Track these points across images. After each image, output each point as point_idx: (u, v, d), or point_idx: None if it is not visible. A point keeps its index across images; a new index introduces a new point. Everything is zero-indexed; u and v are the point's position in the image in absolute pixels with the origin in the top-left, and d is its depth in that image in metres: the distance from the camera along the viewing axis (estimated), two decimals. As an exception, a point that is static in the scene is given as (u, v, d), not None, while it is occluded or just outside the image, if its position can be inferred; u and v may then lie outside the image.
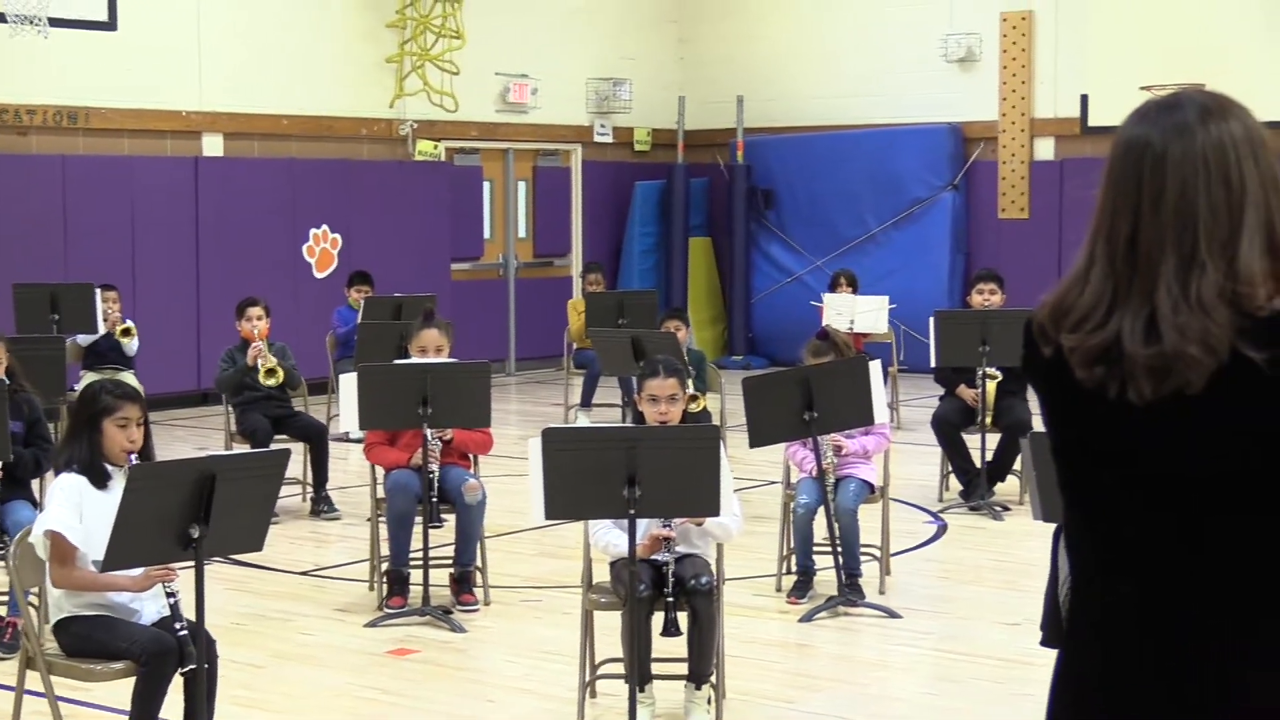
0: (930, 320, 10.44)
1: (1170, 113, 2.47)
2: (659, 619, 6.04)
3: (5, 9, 13.39)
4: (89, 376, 11.40)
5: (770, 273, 18.68)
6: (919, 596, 8.28)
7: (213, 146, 15.41)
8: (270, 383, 10.12)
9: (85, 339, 11.88)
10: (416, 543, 7.80)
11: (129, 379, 10.84)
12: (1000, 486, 10.38)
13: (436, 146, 17.15)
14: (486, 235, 18.05)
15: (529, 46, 17.87)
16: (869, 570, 8.20)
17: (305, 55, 16.02)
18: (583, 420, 13.65)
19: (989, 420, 10.11)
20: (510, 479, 10.09)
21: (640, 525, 5.84)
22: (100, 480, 5.53)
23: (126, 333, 11.98)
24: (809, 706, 6.56)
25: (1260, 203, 2.42)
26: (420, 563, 7.77)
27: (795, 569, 8.18)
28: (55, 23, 13.53)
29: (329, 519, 10.19)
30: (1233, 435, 2.38)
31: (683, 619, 6.07)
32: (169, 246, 14.82)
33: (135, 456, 5.56)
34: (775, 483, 9.28)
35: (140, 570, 5.36)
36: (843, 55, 18.38)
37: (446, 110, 17.17)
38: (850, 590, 7.87)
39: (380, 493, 8.08)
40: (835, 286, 14.08)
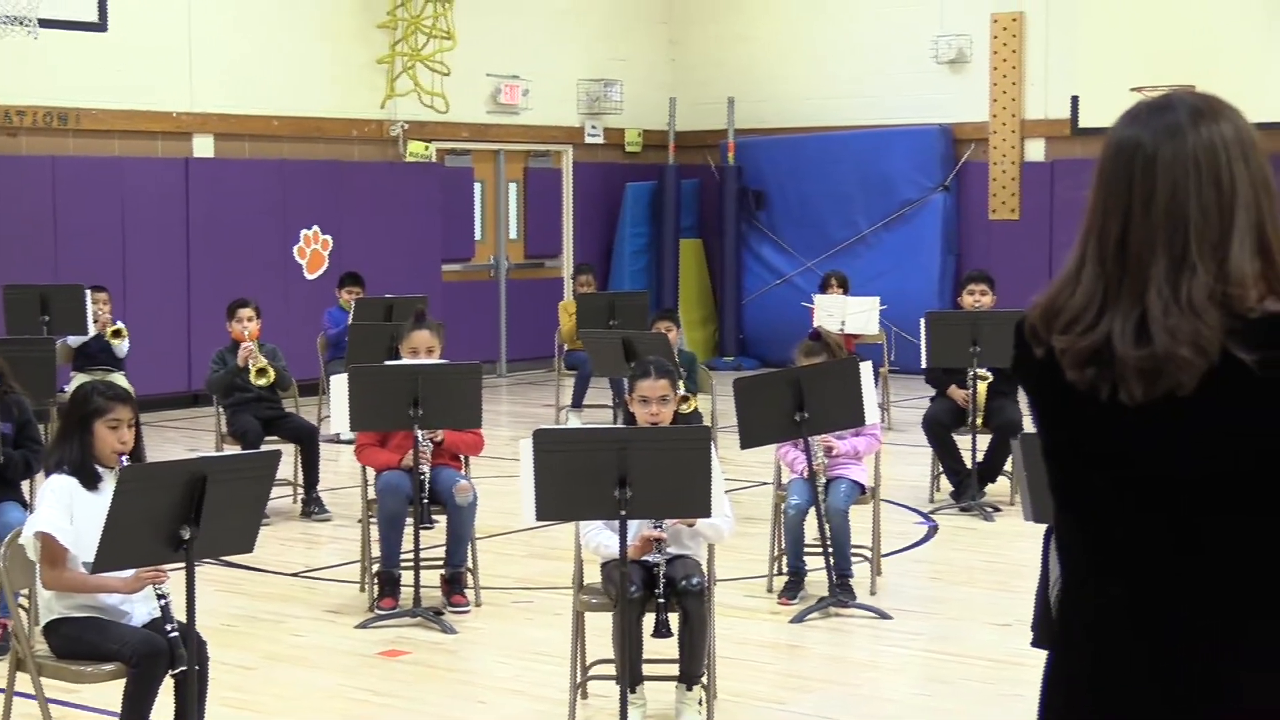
0: (921, 321, 10.45)
1: (1161, 114, 2.48)
2: (650, 620, 6.05)
3: (-5, 10, 13.37)
4: (79, 378, 11.38)
5: (761, 274, 18.68)
6: (910, 597, 8.29)
7: (203, 147, 15.39)
8: (261, 384, 10.11)
9: (75, 340, 11.86)
10: (407, 544, 7.79)
11: (120, 380, 10.81)
12: (991, 487, 10.39)
13: (427, 147, 17.14)
14: (477, 236, 18.04)
15: (520, 47, 17.87)
16: (860, 571, 8.21)
17: (296, 56, 16.00)
18: (574, 421, 13.64)
19: (980, 421, 10.12)
20: (501, 480, 10.09)
21: (631, 526, 5.84)
22: (91, 482, 5.52)
23: (117, 334, 11.96)
24: (800, 707, 6.56)
25: (1251, 204, 2.42)
26: (411, 564, 7.76)
27: (786, 570, 8.18)
28: (45, 23, 13.49)
29: (320, 520, 10.18)
30: (1224, 436, 2.38)
31: (674, 620, 6.07)
32: (160, 248, 14.80)
33: (126, 458, 5.55)
34: (766, 484, 9.29)
35: (131, 572, 5.35)
36: (833, 56, 18.39)
37: (437, 111, 17.16)
38: (841, 591, 7.87)
39: (371, 494, 8.07)
40: (826, 288, 14.07)
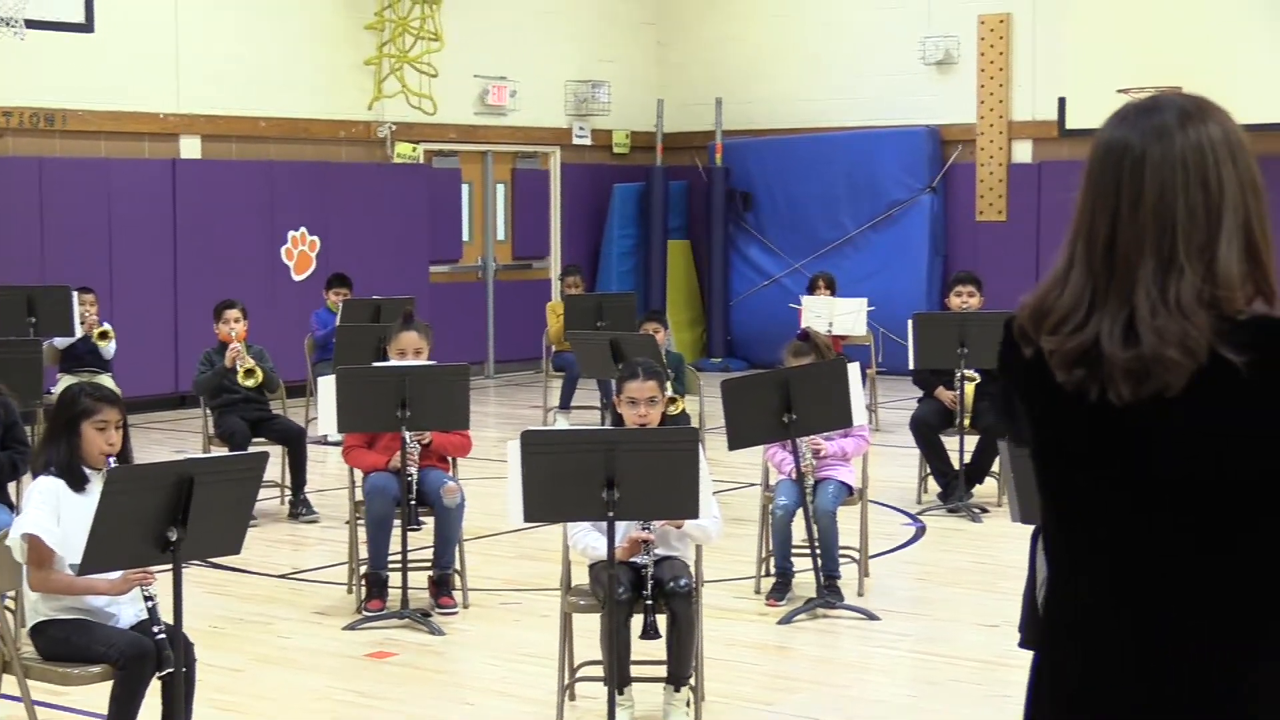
0: (909, 322, 10.46)
1: (1149, 115, 2.48)
2: (638, 621, 6.05)
3: (-18, 11, 13.35)
4: (66, 379, 11.36)
5: (749, 275, 18.68)
6: (898, 598, 8.29)
7: (190, 149, 15.37)
8: (249, 384, 10.09)
9: (62, 342, 11.84)
10: (395, 545, 7.79)
11: (106, 382, 10.80)
12: (978, 488, 10.40)
13: (415, 149, 17.12)
14: (465, 238, 18.02)
15: (507, 49, 17.86)
16: (848, 572, 8.21)
17: (283, 57, 15.98)
18: (561, 423, 13.64)
19: (967, 422, 10.13)
20: (489, 481, 10.08)
21: (619, 528, 5.83)
22: (78, 483, 5.51)
23: (104, 336, 11.94)
24: (788, 708, 6.56)
25: (1239, 205, 2.42)
26: (399, 565, 7.76)
27: (774, 571, 8.18)
28: (32, 24, 13.47)
29: (307, 522, 10.16)
30: (1211, 438, 2.38)
31: (662, 621, 6.08)
32: (146, 249, 14.78)
33: (114, 459, 5.54)
34: (754, 485, 9.29)
35: (118, 573, 5.34)
36: (821, 58, 18.40)
37: (425, 112, 17.15)
38: (829, 592, 7.87)
39: (359, 495, 8.06)
40: (813, 289, 14.08)
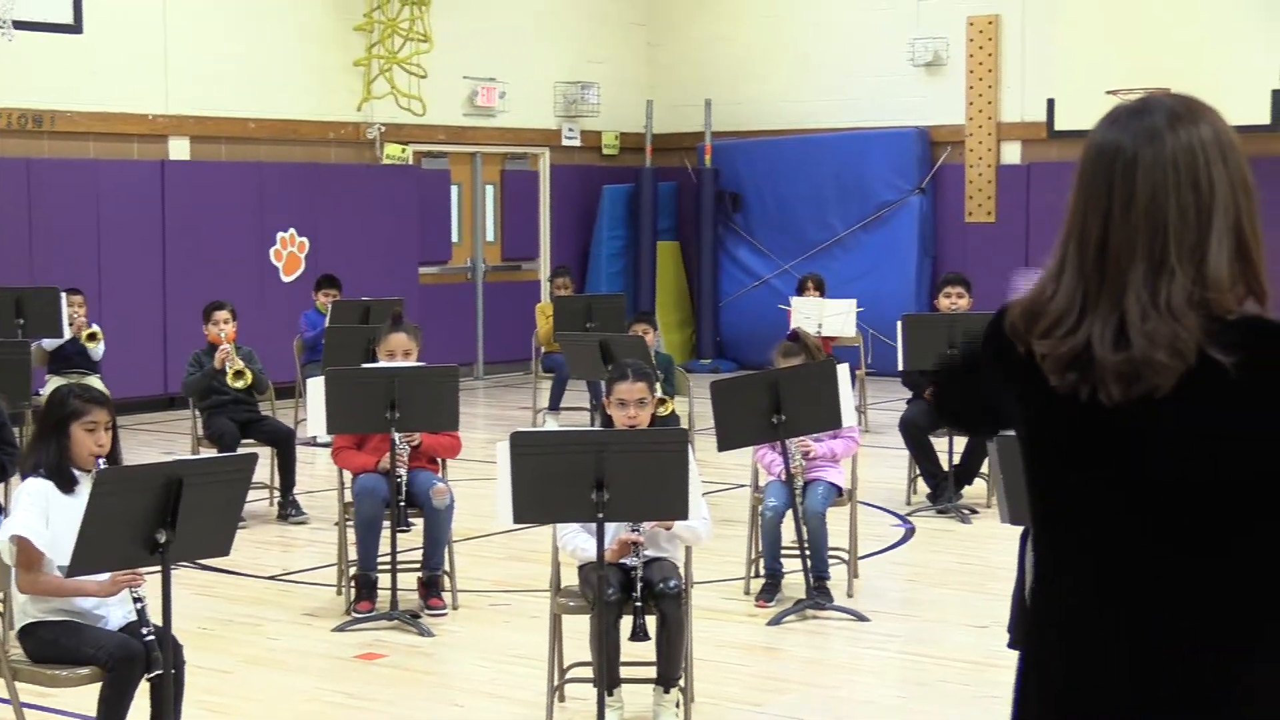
0: (898, 324, 10.46)
1: (1140, 117, 2.48)
2: (627, 623, 6.05)
3: (-30, 12, 13.32)
4: (54, 381, 11.34)
5: (738, 276, 18.69)
6: (887, 599, 8.30)
7: (179, 150, 15.34)
8: (238, 386, 10.08)
9: (51, 343, 11.82)
10: (384, 547, 7.78)
11: (95, 383, 10.79)
12: (968, 489, 10.41)
13: (404, 150, 17.11)
14: (454, 239, 18.02)
15: (497, 50, 17.85)
16: (837, 573, 8.21)
17: (272, 58, 15.96)
18: (551, 424, 13.63)
19: (956, 423, 10.12)
20: (478, 483, 10.08)
21: (609, 529, 5.84)
22: (67, 485, 5.50)
23: (92, 337, 11.92)
24: (777, 709, 6.56)
25: (1230, 205, 2.42)
26: (388, 567, 7.75)
27: (763, 572, 8.19)
28: (20, 25, 13.45)
29: (296, 523, 10.15)
30: (1201, 438, 2.39)
31: (651, 623, 6.07)
32: (135, 250, 14.75)
33: (103, 460, 5.53)
34: (744, 486, 9.29)
35: (107, 575, 5.33)
36: (810, 59, 18.41)
37: (414, 114, 17.14)
38: (818, 593, 7.88)
39: (348, 497, 8.06)
40: (803, 290, 14.08)
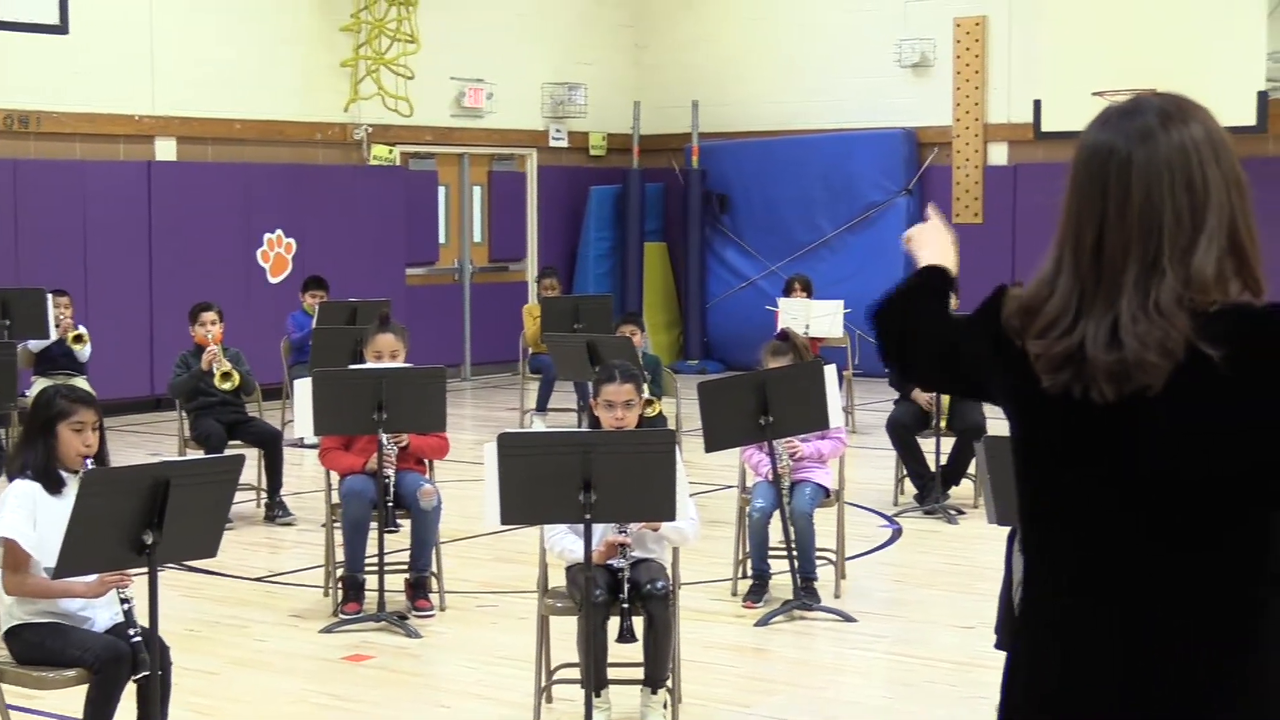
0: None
1: (1131, 118, 2.48)
2: (615, 624, 6.05)
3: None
4: (41, 383, 11.32)
5: (725, 277, 18.70)
6: (874, 600, 8.30)
7: (166, 151, 15.32)
8: (225, 387, 10.07)
9: (37, 345, 11.80)
10: (371, 548, 7.78)
11: (82, 384, 10.77)
12: (955, 490, 10.42)
13: (391, 151, 17.10)
14: (441, 240, 18.00)
15: (484, 51, 17.85)
16: (824, 574, 8.22)
17: (259, 59, 15.95)
18: (538, 425, 13.62)
19: (943, 424, 10.15)
20: (466, 484, 10.07)
21: (596, 530, 5.83)
22: (55, 486, 5.49)
23: (79, 339, 11.90)
24: (765, 710, 6.57)
25: (1223, 204, 2.43)
26: (375, 568, 7.75)
27: (751, 573, 8.19)
28: (5, 26, 13.44)
29: (283, 525, 10.14)
30: (1193, 434, 2.39)
31: (638, 624, 6.07)
32: (122, 251, 14.73)
33: (90, 461, 5.52)
34: (731, 487, 9.29)
35: (94, 576, 5.32)
36: (797, 61, 18.42)
37: (401, 115, 17.12)
38: (806, 594, 7.88)
39: (335, 498, 8.05)
40: (790, 291, 14.09)
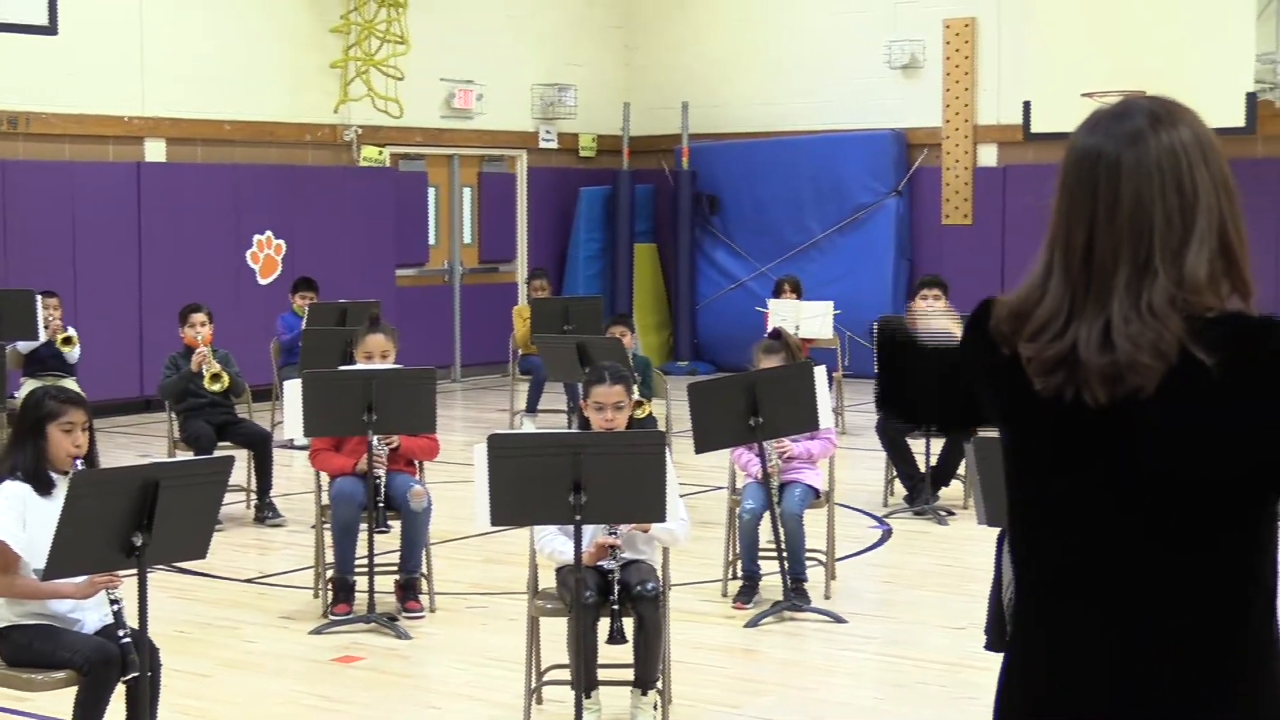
0: (874, 326, 10.47)
1: (1121, 121, 2.48)
2: (605, 625, 6.05)
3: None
4: (30, 384, 11.31)
5: (715, 278, 18.70)
6: (864, 601, 8.31)
7: (155, 152, 15.30)
8: (215, 389, 10.06)
9: (26, 346, 11.79)
10: (361, 549, 7.77)
11: (71, 385, 10.75)
12: (945, 491, 10.43)
13: (381, 152, 17.09)
14: (431, 241, 17.99)
15: (474, 52, 17.84)
16: (814, 575, 8.23)
17: (248, 60, 15.93)
18: (528, 426, 13.62)
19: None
20: (456, 485, 10.07)
21: (586, 531, 5.83)
22: (44, 488, 5.48)
23: (68, 341, 11.89)
24: (755, 711, 6.57)
25: (1212, 206, 2.43)
26: (365, 569, 7.74)
27: (741, 574, 8.19)
28: (-5, 27, 13.42)
29: (273, 526, 10.13)
30: (1187, 436, 2.40)
31: (629, 625, 6.08)
32: (111, 253, 14.71)
33: (80, 462, 5.52)
34: (721, 488, 9.29)
35: (83, 578, 5.31)
36: (787, 62, 18.43)
37: (391, 116, 17.11)
38: (796, 595, 7.88)
39: (325, 499, 8.04)
40: (779, 292, 14.09)
